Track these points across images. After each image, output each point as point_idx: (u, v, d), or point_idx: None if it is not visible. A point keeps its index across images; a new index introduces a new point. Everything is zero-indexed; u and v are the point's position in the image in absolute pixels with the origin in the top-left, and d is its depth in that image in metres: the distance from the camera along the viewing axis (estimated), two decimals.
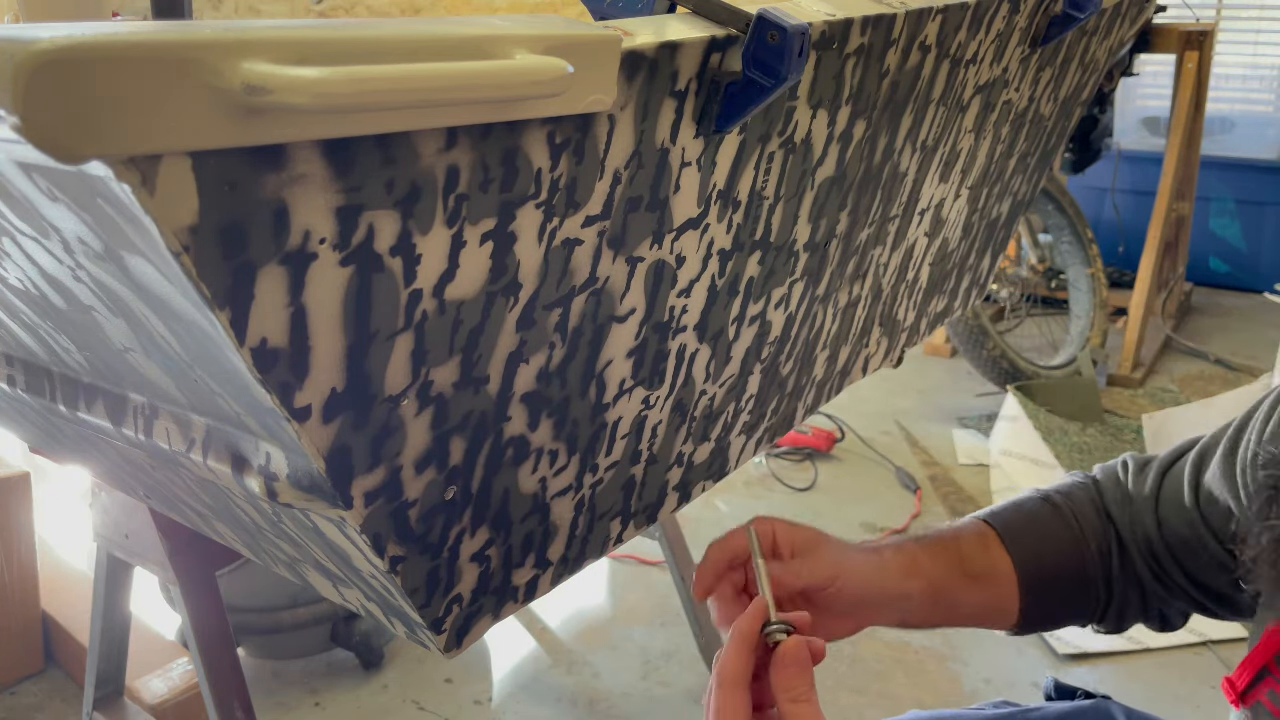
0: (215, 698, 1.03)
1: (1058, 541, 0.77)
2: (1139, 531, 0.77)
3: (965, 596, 0.74)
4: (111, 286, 0.46)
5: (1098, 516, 0.78)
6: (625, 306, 0.63)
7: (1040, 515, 0.78)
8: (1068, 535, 0.77)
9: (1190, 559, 0.74)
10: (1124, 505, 0.78)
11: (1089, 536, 0.77)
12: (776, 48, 0.53)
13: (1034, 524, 0.77)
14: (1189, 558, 0.74)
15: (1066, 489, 0.80)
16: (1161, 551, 0.76)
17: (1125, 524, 0.78)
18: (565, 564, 0.73)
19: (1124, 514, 0.78)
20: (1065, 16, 0.90)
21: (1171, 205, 2.98)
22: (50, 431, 0.81)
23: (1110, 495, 0.79)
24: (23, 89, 0.29)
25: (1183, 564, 0.75)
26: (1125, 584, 0.77)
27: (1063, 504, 0.79)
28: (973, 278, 1.27)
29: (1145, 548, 0.77)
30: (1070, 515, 0.78)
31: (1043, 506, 0.79)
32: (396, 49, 0.38)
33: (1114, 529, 0.78)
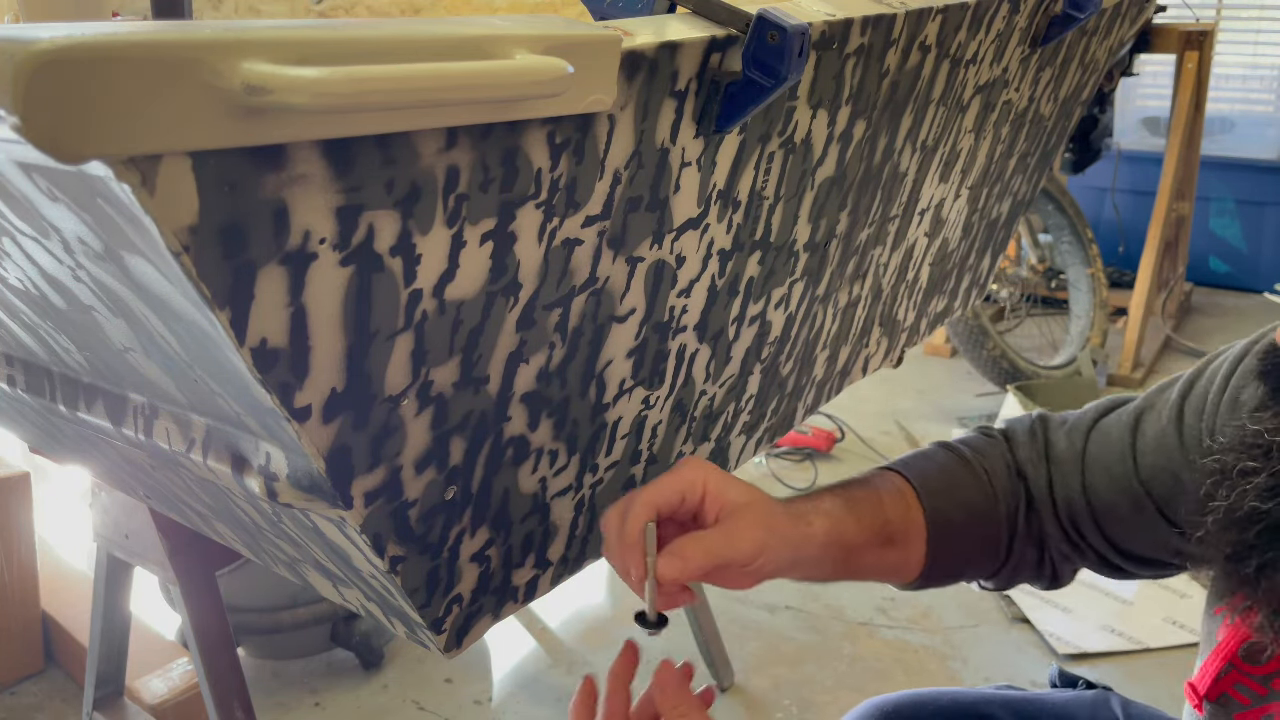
0: (215, 698, 1.03)
1: (971, 503, 0.74)
2: (1060, 493, 0.74)
3: (876, 559, 0.72)
4: (111, 286, 0.46)
5: (1009, 476, 0.76)
6: (625, 306, 0.63)
7: (956, 475, 0.75)
8: (981, 497, 0.75)
9: (1115, 524, 0.72)
10: (1040, 464, 0.76)
11: (1000, 498, 0.75)
12: (776, 48, 0.53)
13: (951, 485, 0.75)
14: (1114, 523, 0.72)
15: (978, 445, 0.78)
16: (1082, 514, 0.73)
17: (1040, 484, 0.75)
18: (565, 564, 0.73)
19: (1039, 473, 0.75)
20: (1065, 16, 0.90)
21: (1171, 205, 2.98)
22: (50, 431, 0.81)
23: (1024, 454, 0.77)
24: (23, 89, 0.29)
25: (1104, 528, 0.73)
26: (1026, 543, 0.75)
27: (975, 461, 0.76)
28: (973, 278, 1.27)
29: (1065, 509, 0.74)
30: (984, 475, 0.76)
31: (958, 464, 0.76)
32: (396, 49, 0.38)
33: (1025, 487, 0.76)
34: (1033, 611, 1.82)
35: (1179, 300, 3.43)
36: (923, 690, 0.84)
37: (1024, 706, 0.82)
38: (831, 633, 1.78)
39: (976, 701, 0.83)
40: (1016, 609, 1.84)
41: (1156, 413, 0.72)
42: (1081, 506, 0.74)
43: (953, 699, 0.83)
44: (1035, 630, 1.79)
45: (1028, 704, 0.82)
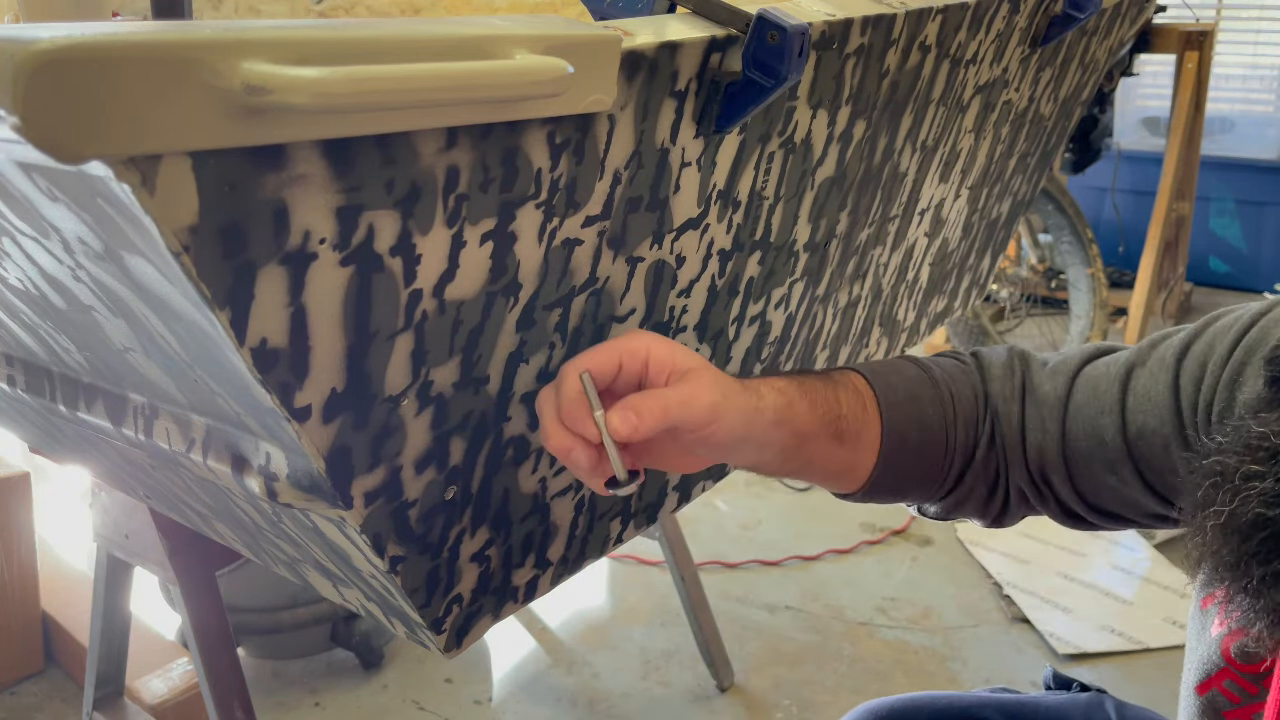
0: (215, 698, 1.03)
1: (929, 424, 0.71)
2: (1033, 436, 0.71)
3: (825, 454, 0.68)
4: (111, 286, 0.46)
5: (975, 406, 0.73)
6: (625, 306, 0.63)
7: (920, 393, 0.72)
8: (941, 420, 0.71)
9: (1087, 477, 0.69)
10: (1012, 401, 0.72)
11: (961, 425, 0.72)
12: (776, 48, 0.53)
13: (912, 400, 0.71)
14: (1086, 476, 0.69)
15: (949, 368, 0.74)
16: (1054, 461, 0.70)
17: (1012, 423, 0.72)
18: (565, 564, 0.73)
19: (1010, 409, 0.72)
20: (1065, 16, 0.90)
21: (1171, 205, 2.98)
22: (50, 431, 0.81)
23: (997, 388, 0.73)
24: (23, 89, 0.29)
25: (1075, 479, 0.70)
26: (979, 477, 0.72)
27: (942, 383, 0.73)
28: (973, 278, 1.27)
29: (1035, 453, 0.71)
30: (949, 398, 0.72)
31: (924, 382, 0.73)
32: (396, 49, 0.38)
33: (990, 423, 0.72)
34: (1033, 612, 1.82)
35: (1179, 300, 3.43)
36: (918, 694, 0.84)
37: (1018, 710, 0.81)
38: (831, 633, 1.78)
39: (971, 705, 0.83)
40: (1016, 609, 1.84)
41: (1149, 371, 0.68)
42: (1055, 453, 0.70)
43: (948, 703, 0.83)
44: (1035, 630, 1.79)
45: (1022, 707, 0.82)
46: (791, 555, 2.04)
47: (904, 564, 2.03)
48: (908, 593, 1.91)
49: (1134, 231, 3.43)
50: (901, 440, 0.70)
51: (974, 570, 2.00)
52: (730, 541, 2.11)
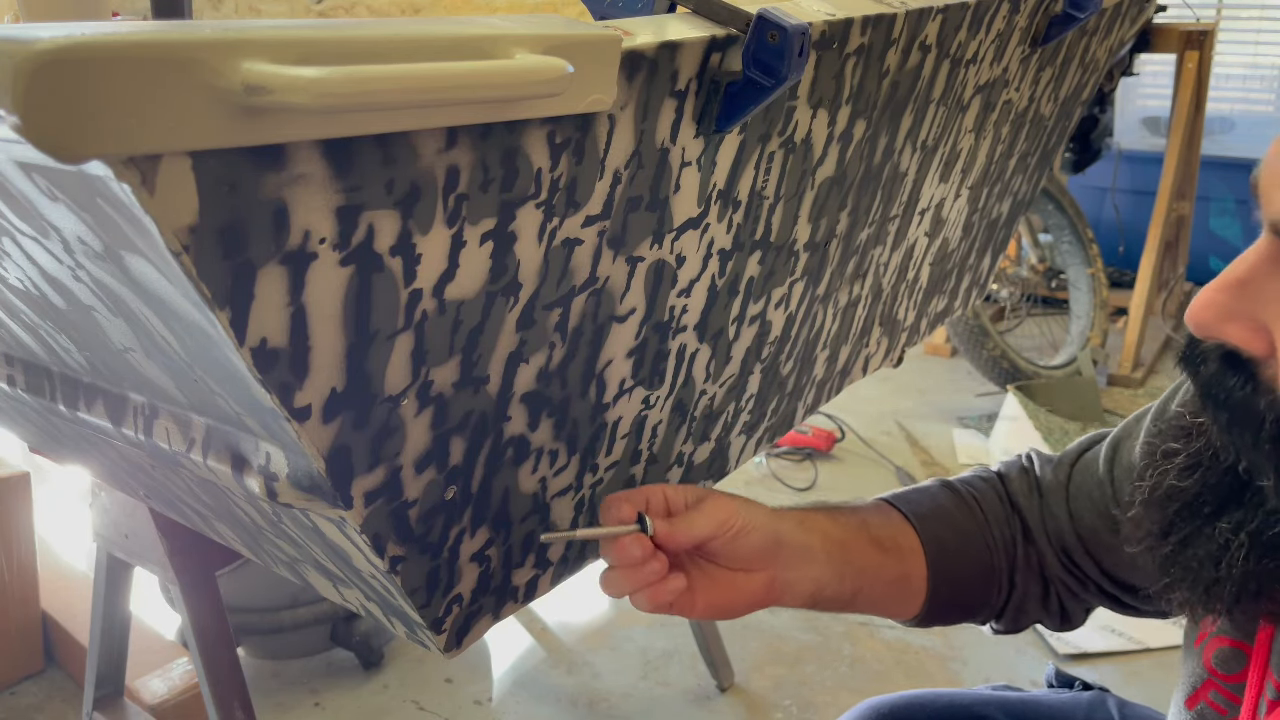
0: (215, 698, 1.03)
1: (962, 523, 0.75)
2: (1050, 525, 0.75)
3: (873, 563, 0.71)
4: (111, 286, 0.46)
5: (1002, 505, 0.77)
6: (625, 306, 0.63)
7: (942, 498, 0.76)
8: (971, 518, 0.75)
9: (1104, 552, 0.73)
10: (1031, 497, 0.76)
11: (992, 522, 0.75)
12: (777, 48, 0.53)
13: (937, 505, 0.75)
14: (1103, 551, 0.73)
15: (967, 479, 0.79)
16: (1073, 544, 0.74)
17: (1034, 516, 0.76)
18: (565, 564, 0.73)
19: (1032, 505, 0.76)
20: (1065, 16, 0.90)
21: (1171, 205, 2.98)
22: (50, 431, 0.81)
23: (1016, 486, 0.77)
24: (23, 89, 0.29)
25: (1096, 557, 0.74)
26: (1028, 575, 0.76)
27: (964, 490, 0.77)
28: (973, 277, 1.27)
29: (1057, 541, 0.75)
30: (973, 500, 0.76)
31: (943, 490, 0.77)
32: (396, 49, 0.38)
33: (1019, 518, 0.76)
34: None
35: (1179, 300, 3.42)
36: (920, 691, 0.84)
37: (1020, 708, 0.82)
38: (831, 633, 1.78)
39: (973, 703, 0.83)
40: None
41: (1132, 440, 0.72)
42: (1071, 536, 0.75)
43: (949, 700, 0.83)
44: (1035, 630, 1.79)
45: (1024, 705, 0.82)
46: None
47: None
48: None
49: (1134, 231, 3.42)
50: (940, 544, 0.74)
51: None
52: None
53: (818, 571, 0.69)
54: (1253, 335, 0.48)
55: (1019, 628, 0.78)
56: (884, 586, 0.72)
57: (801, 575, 0.68)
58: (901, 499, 0.76)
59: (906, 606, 0.75)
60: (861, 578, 0.71)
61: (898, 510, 0.75)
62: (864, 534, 0.71)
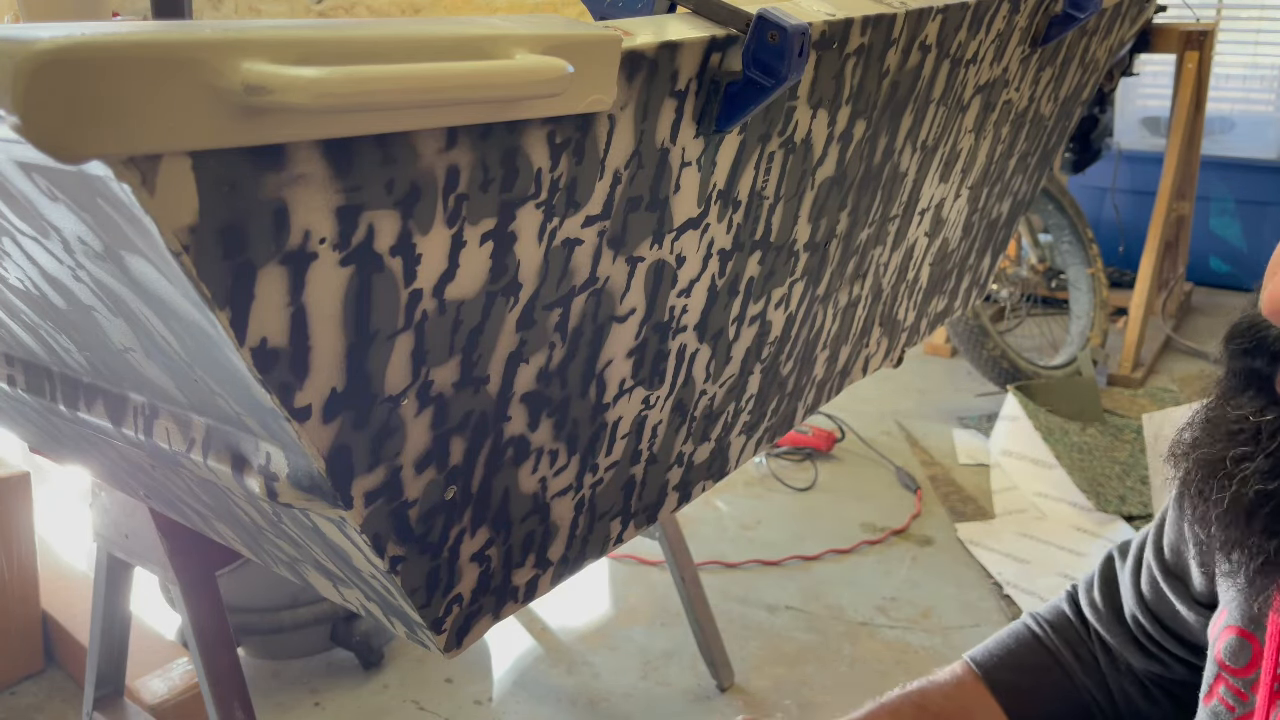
0: (215, 698, 1.03)
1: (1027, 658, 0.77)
2: (1126, 609, 0.77)
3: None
4: (111, 286, 0.46)
5: (1071, 624, 0.80)
6: (625, 306, 0.63)
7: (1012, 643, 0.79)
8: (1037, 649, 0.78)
9: (1178, 623, 0.74)
10: (1100, 596, 0.79)
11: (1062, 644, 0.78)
12: (777, 48, 0.53)
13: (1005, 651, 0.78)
14: (1176, 622, 0.74)
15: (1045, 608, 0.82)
16: (1147, 622, 0.76)
17: (1108, 614, 0.78)
18: (565, 564, 0.73)
19: (1105, 604, 0.78)
20: (1065, 16, 0.90)
21: (1171, 205, 2.98)
22: (50, 431, 0.81)
23: (1085, 597, 0.80)
24: (23, 89, 0.29)
25: (1171, 629, 0.75)
26: (1120, 680, 0.77)
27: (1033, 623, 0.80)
28: (973, 278, 1.27)
29: (1134, 624, 0.77)
30: (1039, 629, 0.79)
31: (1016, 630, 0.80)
32: (396, 49, 0.38)
33: (1091, 629, 0.79)
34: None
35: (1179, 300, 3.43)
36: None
37: None
38: (831, 633, 1.78)
39: None
40: (1016, 609, 1.84)
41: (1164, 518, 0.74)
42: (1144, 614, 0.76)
43: None
44: None
45: None
46: (791, 555, 2.05)
47: (904, 564, 2.03)
48: (908, 593, 1.91)
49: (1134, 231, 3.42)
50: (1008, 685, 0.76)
51: (974, 570, 2.00)
52: (730, 541, 2.11)
53: None
54: None
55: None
56: None
57: None
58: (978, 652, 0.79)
59: None
60: None
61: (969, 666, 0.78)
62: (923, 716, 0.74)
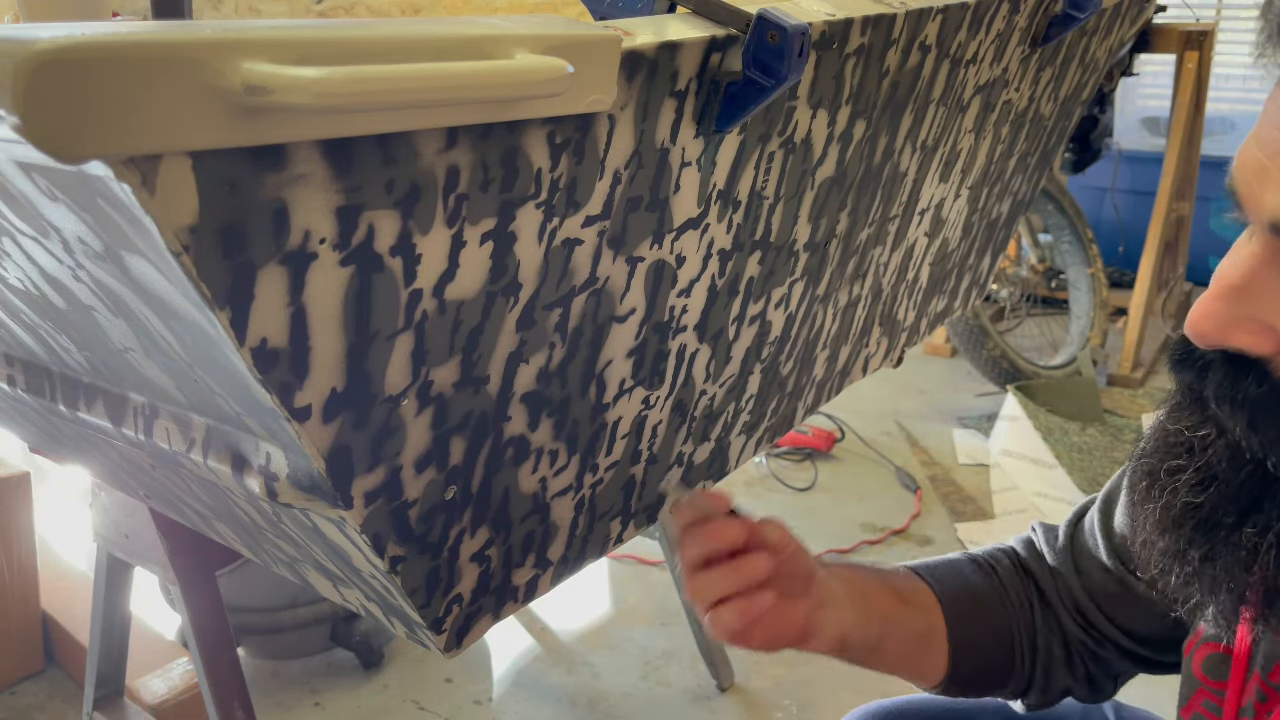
0: (215, 698, 1.03)
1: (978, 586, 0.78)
2: (1061, 587, 0.78)
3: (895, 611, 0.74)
4: (111, 286, 0.46)
5: (1016, 573, 0.80)
6: (625, 306, 0.63)
7: (959, 565, 0.80)
8: (988, 583, 0.79)
9: (1115, 607, 0.75)
10: (1040, 562, 0.80)
11: (1008, 587, 0.79)
12: (777, 48, 0.53)
13: (953, 570, 0.79)
14: (1114, 606, 0.75)
15: (985, 550, 0.82)
16: (1086, 604, 0.76)
17: (1046, 580, 0.79)
18: (565, 564, 0.73)
19: (1042, 569, 0.79)
20: (1065, 16, 0.90)
21: (1171, 205, 2.98)
22: (50, 431, 0.81)
23: (1026, 555, 0.81)
24: (23, 89, 0.29)
25: (1109, 613, 0.75)
26: (1049, 637, 0.78)
27: (981, 558, 0.81)
28: (973, 278, 1.27)
29: (1070, 603, 0.77)
30: (989, 567, 0.80)
31: (961, 559, 0.81)
32: (396, 49, 0.38)
33: (1034, 582, 0.79)
34: None
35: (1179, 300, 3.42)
36: (916, 696, 0.85)
37: (1017, 713, 0.82)
38: None
39: (970, 707, 0.83)
40: None
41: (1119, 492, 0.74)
42: (1083, 595, 0.76)
43: (946, 705, 0.84)
44: None
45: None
46: None
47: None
48: None
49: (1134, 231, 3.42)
50: (958, 604, 0.77)
51: None
52: None
53: (843, 614, 0.71)
54: (1259, 337, 0.47)
55: (1049, 700, 0.79)
56: (907, 639, 0.75)
57: (829, 616, 0.70)
58: (920, 566, 0.79)
59: (931, 666, 0.77)
60: (885, 624, 0.73)
61: (916, 574, 0.78)
62: (885, 585, 0.74)
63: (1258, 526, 0.51)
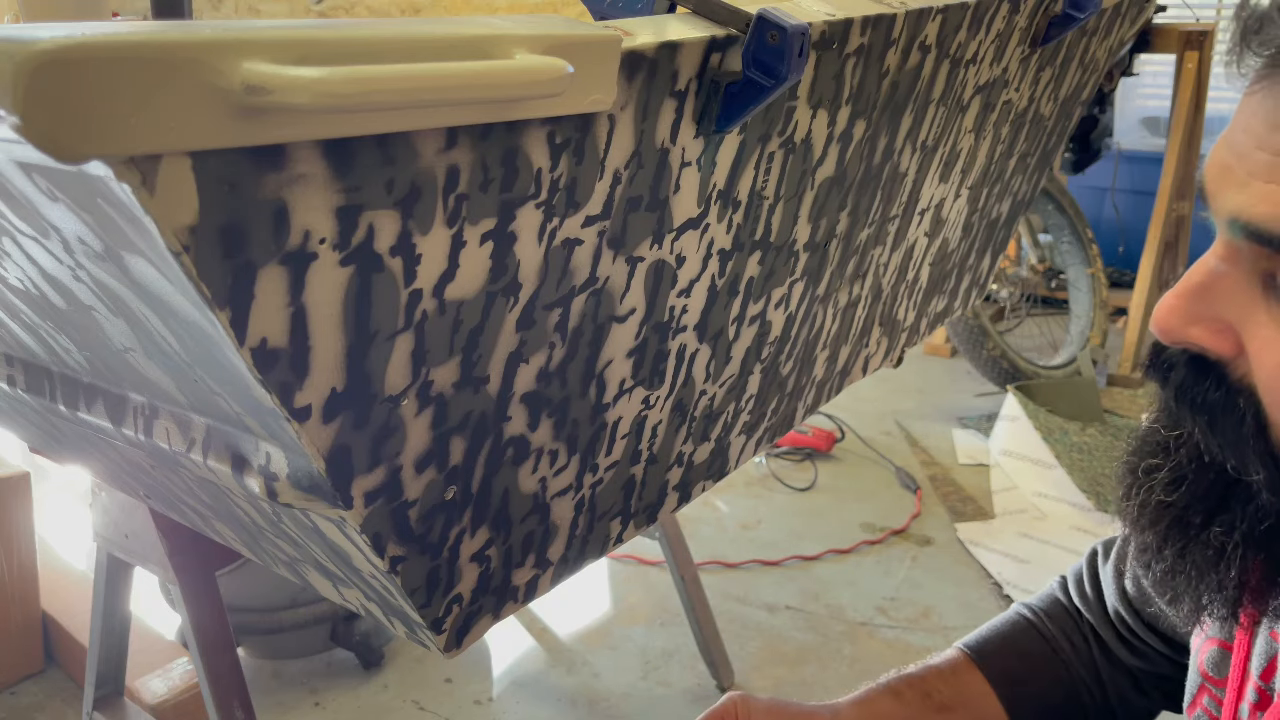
0: (215, 698, 1.03)
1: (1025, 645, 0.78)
2: (1109, 603, 0.78)
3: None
4: (111, 286, 0.46)
5: (1066, 615, 0.80)
6: (625, 306, 0.63)
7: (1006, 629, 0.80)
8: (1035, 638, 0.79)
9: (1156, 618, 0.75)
10: (1086, 587, 0.80)
11: (1059, 634, 0.79)
12: (776, 48, 0.53)
13: (1001, 638, 0.79)
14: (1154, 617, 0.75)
15: (1040, 596, 0.83)
16: (1129, 617, 0.76)
17: (1095, 607, 0.79)
18: (565, 564, 0.73)
19: (1092, 596, 0.79)
20: (1065, 17, 0.90)
21: (1171, 205, 2.98)
22: (50, 431, 0.81)
23: (1075, 588, 0.81)
24: (23, 89, 0.29)
25: (1150, 623, 0.75)
26: (1114, 673, 0.78)
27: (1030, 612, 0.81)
28: (973, 278, 1.27)
29: (1117, 619, 0.78)
30: (1037, 618, 0.80)
31: (1012, 619, 0.81)
32: (396, 49, 0.38)
33: (1084, 620, 0.80)
34: None
35: None
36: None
37: None
38: (831, 633, 1.78)
39: None
40: None
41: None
42: (1125, 608, 0.77)
43: None
44: None
45: None
46: (791, 555, 2.05)
47: (904, 564, 2.03)
48: (908, 593, 1.91)
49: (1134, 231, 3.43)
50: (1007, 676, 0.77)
51: (974, 570, 2.00)
52: (730, 541, 2.11)
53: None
54: (1218, 337, 0.48)
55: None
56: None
57: None
58: (974, 642, 0.80)
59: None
60: None
61: (965, 655, 0.78)
62: (927, 704, 0.74)
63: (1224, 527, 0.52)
